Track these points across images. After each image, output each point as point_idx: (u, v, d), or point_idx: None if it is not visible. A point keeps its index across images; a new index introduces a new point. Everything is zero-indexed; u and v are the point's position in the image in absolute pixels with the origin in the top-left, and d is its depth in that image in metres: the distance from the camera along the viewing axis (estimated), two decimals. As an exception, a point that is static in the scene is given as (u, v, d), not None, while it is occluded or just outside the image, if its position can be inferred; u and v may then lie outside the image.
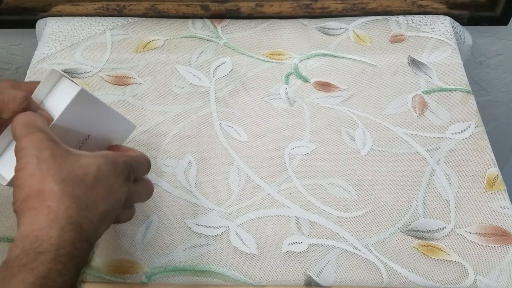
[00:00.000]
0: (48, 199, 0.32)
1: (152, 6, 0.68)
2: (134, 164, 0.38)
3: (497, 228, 0.50)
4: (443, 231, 0.50)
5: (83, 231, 0.32)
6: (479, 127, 0.58)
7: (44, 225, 0.31)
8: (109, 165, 0.35)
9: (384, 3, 0.69)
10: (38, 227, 0.31)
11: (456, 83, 0.63)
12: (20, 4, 0.68)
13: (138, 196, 0.40)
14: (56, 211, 0.31)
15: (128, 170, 0.37)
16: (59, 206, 0.31)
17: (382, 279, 0.47)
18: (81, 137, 0.41)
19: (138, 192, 0.40)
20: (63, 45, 0.66)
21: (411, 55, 0.65)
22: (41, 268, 0.30)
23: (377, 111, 0.60)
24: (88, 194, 0.33)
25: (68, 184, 0.32)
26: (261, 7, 0.69)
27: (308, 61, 0.65)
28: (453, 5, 0.69)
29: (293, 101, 0.61)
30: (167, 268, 0.48)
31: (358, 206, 0.52)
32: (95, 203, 0.34)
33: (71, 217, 0.32)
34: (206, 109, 0.60)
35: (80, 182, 0.33)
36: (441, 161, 0.55)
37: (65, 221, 0.31)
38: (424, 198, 0.52)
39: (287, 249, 0.49)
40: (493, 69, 0.84)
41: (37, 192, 0.32)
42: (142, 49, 0.66)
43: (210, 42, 0.67)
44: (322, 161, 0.55)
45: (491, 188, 0.53)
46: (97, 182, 0.34)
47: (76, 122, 0.39)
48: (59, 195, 0.32)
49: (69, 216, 0.32)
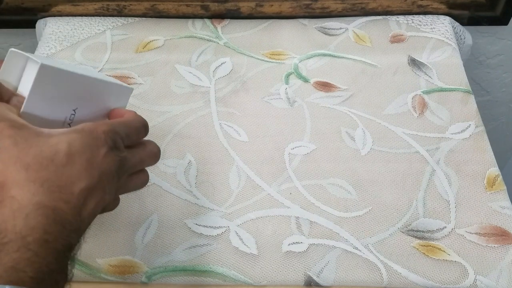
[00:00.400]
0: (12, 189, 0.30)
1: (152, 6, 0.68)
2: (121, 130, 0.36)
3: (497, 228, 0.50)
4: (443, 231, 0.50)
5: (57, 214, 0.30)
6: (479, 127, 0.58)
7: (9, 216, 0.29)
8: (84, 139, 0.33)
9: (384, 3, 0.69)
10: (2, 219, 0.29)
11: (456, 83, 0.63)
12: (20, 4, 0.68)
13: (139, 161, 0.38)
14: (20, 199, 0.30)
15: (111, 139, 0.34)
16: (23, 194, 0.30)
17: (382, 279, 0.47)
18: (65, 112, 0.38)
19: (138, 157, 0.38)
20: (63, 45, 0.66)
21: (411, 55, 0.65)
22: (6, 258, 0.28)
23: (377, 111, 0.60)
24: (59, 174, 0.31)
25: (33, 169, 0.31)
26: (261, 7, 0.69)
27: (308, 61, 0.65)
28: (453, 5, 0.69)
29: (293, 101, 0.61)
30: (167, 268, 0.48)
31: (358, 206, 0.52)
32: (71, 181, 0.32)
33: (39, 202, 0.30)
34: (206, 109, 0.60)
35: (49, 164, 0.31)
36: (441, 161, 0.55)
37: (31, 207, 0.30)
38: (424, 198, 0.52)
39: (287, 249, 0.49)
40: (493, 69, 0.84)
41: (0, 185, 0.30)
42: (142, 49, 0.66)
43: (210, 42, 0.67)
44: (322, 161, 0.55)
45: (491, 188, 0.53)
46: (70, 159, 0.32)
47: (51, 100, 0.37)
48: (22, 182, 0.30)
49: (37, 202, 0.30)
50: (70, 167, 0.32)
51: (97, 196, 0.33)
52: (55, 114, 0.37)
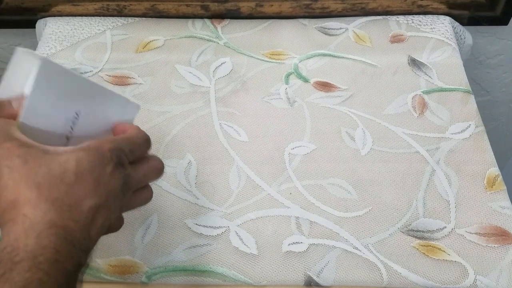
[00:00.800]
0: (24, 207, 0.30)
1: (152, 6, 0.68)
2: (125, 146, 0.36)
3: (497, 228, 0.50)
4: (443, 231, 0.50)
5: (68, 233, 0.31)
6: (479, 127, 0.58)
7: (21, 234, 0.29)
8: (92, 157, 0.33)
9: (384, 3, 0.69)
10: (14, 237, 0.29)
11: (456, 83, 0.63)
12: (20, 4, 0.68)
13: (143, 176, 0.38)
14: (32, 218, 0.30)
15: (117, 156, 0.34)
16: (35, 212, 0.30)
17: (382, 279, 0.47)
18: (68, 114, 0.37)
19: (143, 172, 0.37)
20: (63, 45, 0.66)
21: (411, 55, 0.65)
22: (17, 278, 0.28)
23: (377, 111, 0.60)
24: (69, 192, 0.31)
25: (44, 187, 0.31)
26: (261, 7, 0.69)
27: (308, 61, 0.65)
28: (453, 5, 0.69)
29: (293, 101, 0.61)
30: (167, 268, 0.48)
31: (358, 206, 0.52)
32: (80, 200, 0.32)
33: (51, 221, 0.30)
34: (206, 109, 0.60)
35: (59, 182, 0.31)
36: (441, 161, 0.55)
37: (43, 226, 0.30)
38: (424, 198, 0.52)
39: (287, 249, 0.49)
40: (493, 69, 0.84)
41: (12, 203, 0.30)
42: (142, 49, 0.66)
43: (210, 42, 0.67)
44: (322, 161, 0.55)
45: (491, 188, 0.53)
46: (79, 177, 0.32)
47: (54, 99, 0.35)
48: (34, 201, 0.30)
49: (48, 220, 0.30)
50: (78, 186, 0.32)
51: (104, 214, 0.33)
52: (56, 117, 0.36)
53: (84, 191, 0.32)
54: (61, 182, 0.31)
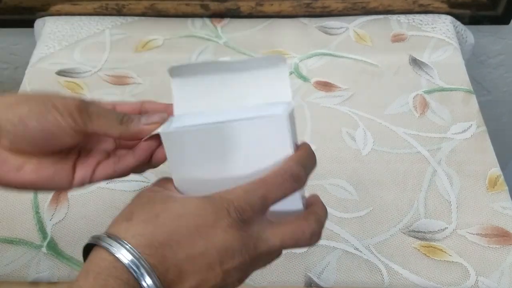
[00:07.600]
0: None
1: (151, 5, 0.68)
2: (269, 193, 0.31)
3: (498, 229, 0.50)
4: (445, 232, 0.50)
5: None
6: (481, 127, 0.58)
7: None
8: (207, 207, 0.30)
9: (385, 2, 0.68)
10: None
11: (458, 82, 0.62)
12: (19, 4, 0.68)
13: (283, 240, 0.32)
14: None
15: (238, 211, 0.30)
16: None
17: (383, 280, 0.47)
18: (218, 171, 0.33)
19: (281, 236, 0.32)
20: (62, 44, 0.66)
21: (412, 55, 0.65)
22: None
23: (378, 111, 0.59)
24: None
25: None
26: (261, 6, 0.68)
27: (308, 61, 0.65)
28: (454, 4, 0.69)
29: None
30: (166, 269, 0.47)
31: (359, 207, 0.52)
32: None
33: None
34: (206, 109, 0.59)
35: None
36: (442, 161, 0.55)
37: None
38: (425, 199, 0.52)
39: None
40: (495, 68, 0.84)
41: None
42: (141, 49, 0.66)
43: (210, 42, 0.67)
44: (322, 162, 0.55)
45: (492, 188, 0.53)
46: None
47: (197, 162, 0.33)
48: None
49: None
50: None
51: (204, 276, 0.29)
52: (209, 174, 0.33)
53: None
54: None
